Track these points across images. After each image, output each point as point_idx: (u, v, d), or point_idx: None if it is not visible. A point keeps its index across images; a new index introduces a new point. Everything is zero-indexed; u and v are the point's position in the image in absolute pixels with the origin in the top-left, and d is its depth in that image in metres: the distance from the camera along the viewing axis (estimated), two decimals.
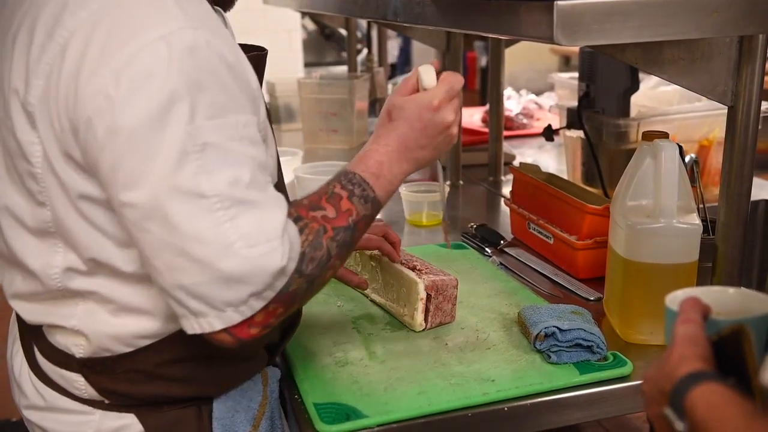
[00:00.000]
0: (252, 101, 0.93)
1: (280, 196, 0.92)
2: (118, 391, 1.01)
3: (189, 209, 0.85)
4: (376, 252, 1.36)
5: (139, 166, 0.84)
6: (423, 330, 1.28)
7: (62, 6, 0.90)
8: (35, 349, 1.06)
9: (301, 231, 0.93)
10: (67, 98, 0.87)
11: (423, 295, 1.26)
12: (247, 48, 1.12)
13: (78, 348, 1.01)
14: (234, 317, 0.88)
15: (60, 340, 1.02)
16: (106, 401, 1.02)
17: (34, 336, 1.06)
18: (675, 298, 0.81)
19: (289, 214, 0.93)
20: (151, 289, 0.96)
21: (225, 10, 1.09)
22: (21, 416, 1.10)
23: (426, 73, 1.06)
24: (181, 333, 0.93)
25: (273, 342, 1.15)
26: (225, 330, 0.89)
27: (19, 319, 1.08)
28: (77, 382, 1.02)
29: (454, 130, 1.07)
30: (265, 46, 1.10)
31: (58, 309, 1.00)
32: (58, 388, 1.04)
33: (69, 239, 0.95)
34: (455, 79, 1.06)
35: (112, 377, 1.01)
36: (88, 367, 1.01)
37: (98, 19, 0.87)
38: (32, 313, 1.03)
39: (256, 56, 1.06)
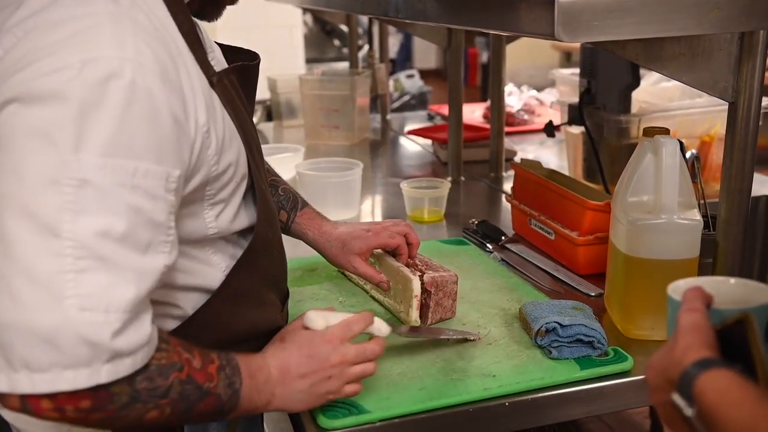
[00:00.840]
0: (178, 150, 0.86)
1: (151, 270, 0.83)
2: None
3: (35, 242, 0.77)
4: (377, 249, 1.36)
5: (2, 175, 0.79)
6: (421, 326, 1.28)
7: None
8: None
9: (159, 350, 0.85)
10: None
11: (418, 292, 1.26)
12: (238, 55, 1.10)
13: None
14: (22, 384, 0.77)
15: None
16: None
17: None
18: (677, 288, 0.81)
19: (162, 333, 0.87)
20: None
21: (210, 20, 1.05)
22: None
23: (310, 322, 1.03)
24: None
25: None
26: (16, 394, 0.77)
27: None
28: None
29: (336, 384, 1.00)
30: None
31: None
32: None
33: None
34: (356, 324, 1.03)
35: None
36: None
37: (30, 44, 0.83)
38: None
39: (244, 66, 1.05)
